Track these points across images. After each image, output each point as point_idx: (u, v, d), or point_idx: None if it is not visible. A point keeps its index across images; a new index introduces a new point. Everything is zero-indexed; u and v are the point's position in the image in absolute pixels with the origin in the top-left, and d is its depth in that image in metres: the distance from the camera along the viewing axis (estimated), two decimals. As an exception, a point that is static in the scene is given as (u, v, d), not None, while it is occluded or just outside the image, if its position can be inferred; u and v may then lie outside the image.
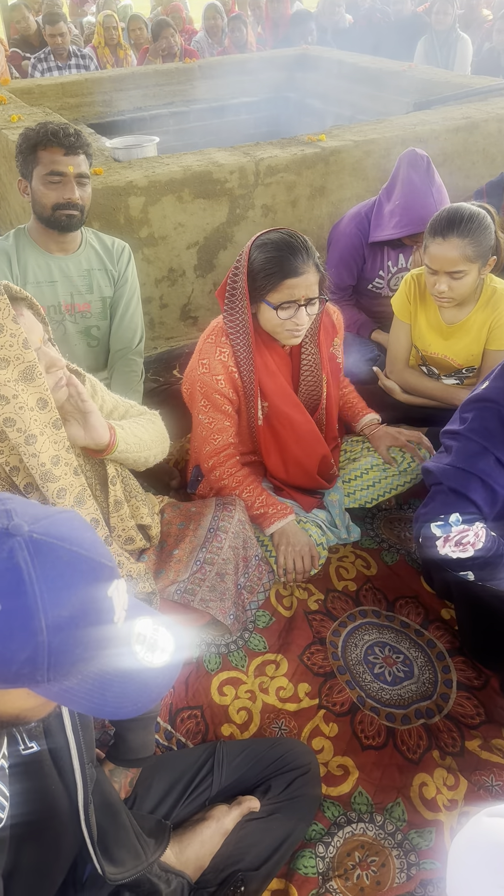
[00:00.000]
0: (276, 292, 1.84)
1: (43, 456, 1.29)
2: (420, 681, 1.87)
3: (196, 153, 3.28)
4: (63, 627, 0.73)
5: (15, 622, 0.71)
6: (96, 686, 0.79)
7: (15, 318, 1.22)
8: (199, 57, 6.44)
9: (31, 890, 1.08)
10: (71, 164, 2.13)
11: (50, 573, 0.73)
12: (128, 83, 4.95)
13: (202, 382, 2.00)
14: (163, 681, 0.86)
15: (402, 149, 3.40)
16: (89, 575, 0.77)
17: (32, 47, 6.85)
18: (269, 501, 2.07)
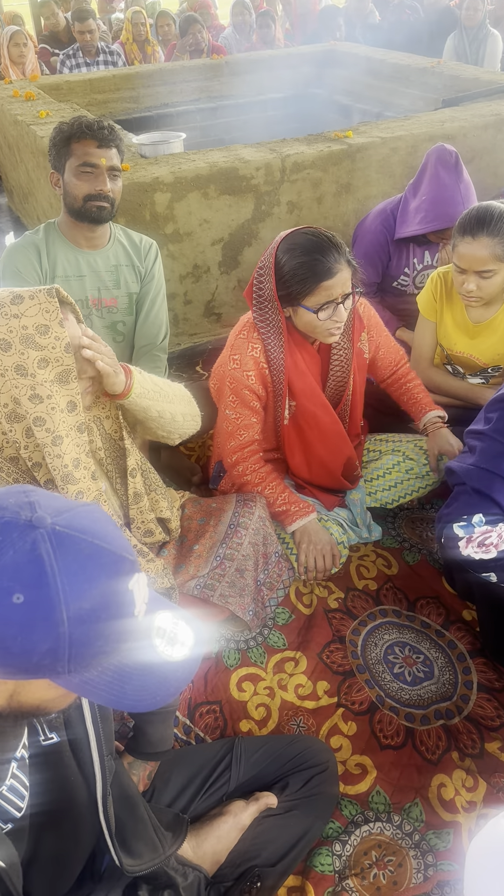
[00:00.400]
0: (314, 296, 1.82)
1: (66, 458, 1.31)
2: (440, 681, 1.86)
3: (222, 149, 3.28)
4: (84, 619, 0.73)
5: (37, 613, 0.71)
6: (116, 678, 0.79)
7: (62, 321, 1.24)
8: (227, 53, 6.44)
9: (50, 878, 1.09)
10: (104, 156, 2.14)
11: (72, 566, 0.74)
12: (155, 79, 4.96)
13: (232, 378, 1.99)
14: (182, 674, 0.86)
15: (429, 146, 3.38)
16: (111, 568, 0.77)
17: (61, 43, 6.89)
18: (292, 499, 2.07)
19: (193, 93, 5.07)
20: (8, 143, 4.40)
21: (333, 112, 5.08)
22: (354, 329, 2.08)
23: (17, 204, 5.05)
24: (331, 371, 2.07)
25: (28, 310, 1.22)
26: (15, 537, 0.73)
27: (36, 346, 1.22)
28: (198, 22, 6.37)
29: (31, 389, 1.23)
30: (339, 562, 2.08)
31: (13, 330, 1.21)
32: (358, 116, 4.78)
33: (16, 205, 5.16)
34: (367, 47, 5.48)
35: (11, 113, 3.88)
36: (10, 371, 1.22)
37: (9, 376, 1.22)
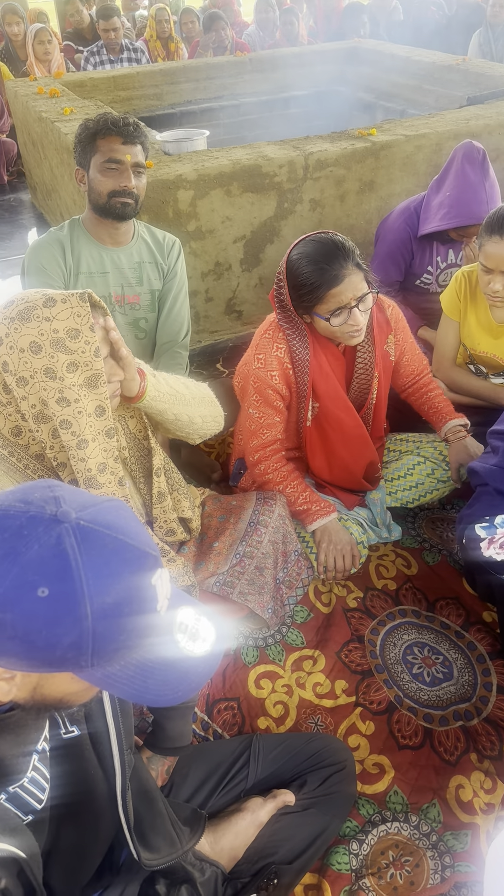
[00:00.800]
0: (323, 304, 1.83)
1: (90, 462, 1.31)
2: (459, 683, 1.86)
3: (245, 147, 3.28)
4: (107, 614, 0.74)
5: (61, 607, 0.72)
6: (138, 673, 0.80)
7: (92, 326, 1.24)
8: (251, 50, 6.44)
9: (69, 870, 1.10)
10: (128, 152, 2.15)
11: (96, 560, 0.74)
12: (179, 76, 4.97)
13: (256, 377, 2.00)
14: (203, 670, 0.87)
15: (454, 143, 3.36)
16: (134, 563, 0.78)
17: (85, 40, 6.92)
18: (313, 498, 2.07)
19: (217, 90, 5.08)
20: (32, 140, 4.43)
21: (357, 109, 5.06)
22: (381, 331, 2.06)
23: (41, 200, 5.08)
24: (355, 373, 2.07)
25: (60, 313, 1.22)
26: (40, 532, 0.74)
27: (66, 349, 1.23)
28: (221, 19, 6.37)
29: (58, 392, 1.24)
30: (359, 562, 2.07)
31: (44, 333, 1.21)
32: (382, 114, 4.76)
33: (39, 201, 5.18)
34: (392, 44, 5.45)
35: (36, 110, 3.90)
36: (40, 374, 1.22)
37: (38, 379, 1.22)
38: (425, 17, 6.91)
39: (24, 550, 0.72)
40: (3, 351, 1.22)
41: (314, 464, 2.15)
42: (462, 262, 2.73)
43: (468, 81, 4.38)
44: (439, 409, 2.29)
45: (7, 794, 0.92)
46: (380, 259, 2.81)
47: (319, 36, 7.29)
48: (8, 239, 4.93)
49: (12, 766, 0.91)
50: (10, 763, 0.91)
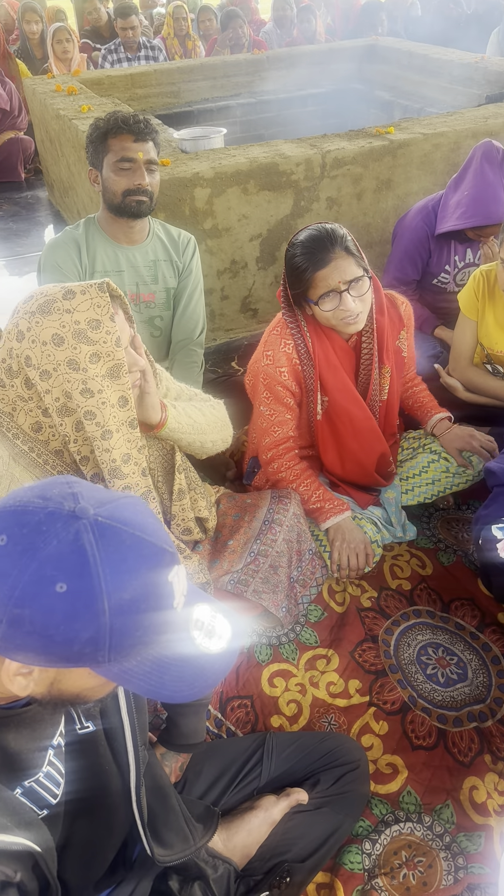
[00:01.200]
0: (313, 288, 1.84)
1: (115, 452, 1.32)
2: (474, 684, 1.85)
3: (262, 145, 3.28)
4: (125, 610, 0.74)
5: (79, 602, 0.72)
6: (155, 669, 0.80)
7: (112, 316, 1.25)
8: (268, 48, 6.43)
9: (83, 864, 1.10)
10: (140, 150, 2.15)
11: (114, 556, 0.75)
12: (196, 74, 4.97)
13: (266, 374, 2.00)
14: (219, 666, 0.87)
15: (472, 142, 3.35)
16: (151, 560, 0.78)
17: (103, 38, 6.94)
18: (326, 496, 2.06)
19: (234, 88, 5.08)
20: (50, 138, 4.45)
21: (374, 108, 5.05)
22: (393, 327, 2.06)
23: (58, 198, 5.10)
24: (361, 365, 2.06)
25: (80, 305, 1.23)
26: (59, 528, 0.74)
27: (88, 340, 1.23)
28: (239, 17, 6.36)
29: (82, 384, 1.24)
30: (374, 560, 2.07)
31: (66, 325, 1.22)
32: (399, 112, 4.74)
33: (56, 199, 5.21)
34: (410, 42, 5.43)
35: (54, 107, 3.92)
36: (63, 366, 1.23)
37: (61, 371, 1.23)
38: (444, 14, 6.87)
39: (42, 546, 0.73)
40: (26, 345, 1.22)
41: (326, 458, 2.14)
42: (480, 261, 2.71)
43: (487, 80, 4.35)
44: (424, 404, 2.31)
45: (23, 789, 0.93)
46: (397, 258, 2.80)
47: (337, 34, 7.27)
48: (25, 236, 4.95)
49: (28, 760, 0.92)
50: (26, 757, 0.91)
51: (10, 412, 1.28)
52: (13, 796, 0.87)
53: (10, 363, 1.25)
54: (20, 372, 1.24)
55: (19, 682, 0.78)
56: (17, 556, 0.72)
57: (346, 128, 3.56)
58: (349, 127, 3.58)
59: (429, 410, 2.30)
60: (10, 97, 5.79)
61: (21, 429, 1.29)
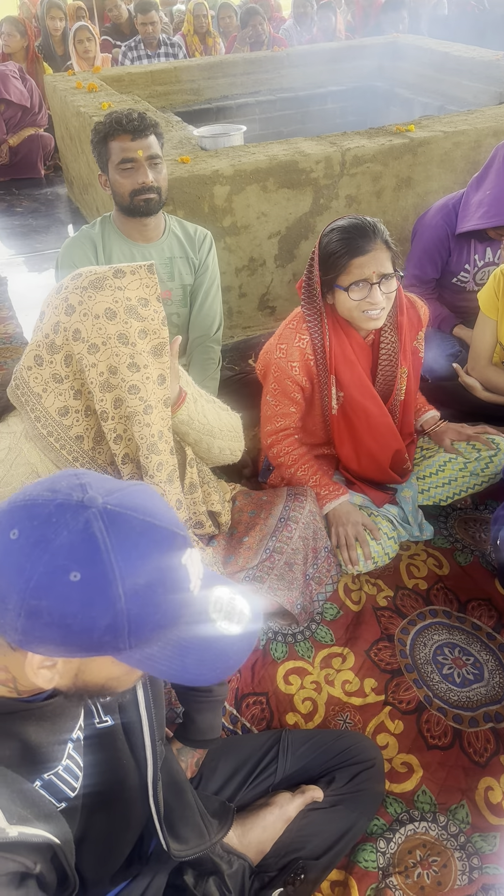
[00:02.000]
0: (346, 274, 1.83)
1: (154, 427, 1.35)
2: (490, 684, 1.84)
3: (282, 142, 3.28)
4: (140, 594, 0.75)
5: (94, 590, 0.73)
6: (176, 653, 0.80)
7: (159, 297, 1.29)
8: (287, 45, 6.42)
9: (99, 858, 1.11)
10: (139, 147, 2.14)
11: (125, 542, 0.75)
12: (216, 71, 4.98)
13: (277, 366, 2.01)
14: (240, 648, 0.86)
15: (493, 140, 3.33)
16: (163, 543, 0.78)
17: (123, 35, 6.96)
18: (323, 482, 2.07)
19: (254, 85, 5.08)
20: (70, 135, 4.46)
21: (395, 105, 5.03)
22: (412, 327, 2.05)
23: (77, 195, 5.12)
24: (379, 365, 2.06)
25: (130, 283, 1.27)
26: (68, 518, 0.75)
27: (138, 316, 1.27)
28: (259, 14, 6.36)
29: (130, 358, 1.28)
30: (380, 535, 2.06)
31: (118, 301, 1.26)
32: (420, 110, 4.72)
33: (76, 196, 5.23)
34: (431, 40, 5.40)
35: (74, 104, 3.94)
36: (114, 339, 1.26)
37: (111, 344, 1.27)
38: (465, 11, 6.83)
39: (53, 537, 0.73)
40: (76, 318, 1.26)
41: (342, 452, 2.15)
42: (500, 260, 2.70)
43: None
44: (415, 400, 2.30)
45: (42, 781, 0.94)
46: (416, 256, 2.79)
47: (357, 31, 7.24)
48: (44, 233, 4.98)
49: (49, 753, 0.93)
50: (46, 751, 0.92)
51: (39, 393, 1.31)
52: (33, 789, 0.88)
53: (53, 338, 1.28)
54: (63, 347, 1.28)
55: (44, 674, 0.79)
56: (30, 549, 0.73)
57: (366, 125, 3.55)
58: (369, 125, 3.57)
59: (420, 408, 2.31)
60: (31, 94, 5.82)
61: (46, 411, 1.31)
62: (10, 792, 0.83)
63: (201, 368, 2.47)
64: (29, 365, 1.30)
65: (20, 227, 5.09)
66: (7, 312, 3.89)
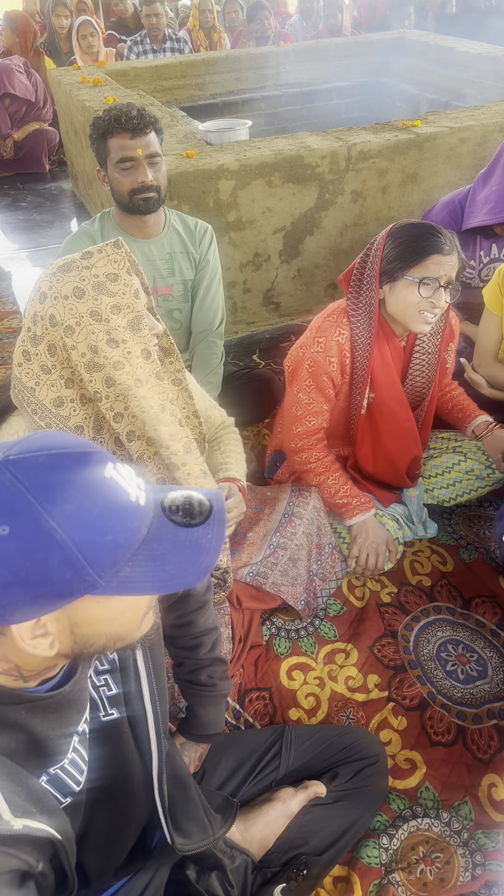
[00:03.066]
0: (421, 267, 1.78)
1: (151, 400, 1.34)
2: (494, 681, 1.84)
3: (288, 137, 3.26)
4: (76, 520, 0.73)
5: (27, 535, 0.71)
6: (153, 566, 0.79)
7: (129, 269, 1.28)
8: (293, 41, 6.39)
9: (102, 852, 1.11)
10: (139, 146, 2.12)
11: (37, 480, 0.73)
12: (221, 66, 4.96)
13: (313, 360, 1.95)
14: (214, 535, 0.84)
15: (499, 136, 3.32)
16: (76, 465, 0.76)
17: (129, 30, 6.94)
18: (354, 492, 2.05)
19: (259, 80, 5.06)
20: (75, 129, 4.45)
21: (401, 101, 5.01)
22: (444, 337, 2.03)
23: (81, 190, 5.12)
24: (411, 370, 2.04)
25: (98, 262, 1.27)
26: None
27: (108, 292, 1.27)
28: (265, 8, 6.34)
29: (106, 334, 1.27)
30: (395, 558, 2.06)
31: (85, 279, 1.26)
32: (426, 106, 4.70)
33: (80, 191, 5.22)
34: (437, 35, 5.38)
35: (79, 99, 3.93)
36: (86, 317, 1.26)
37: (84, 323, 1.26)
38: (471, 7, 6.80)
39: None
40: (48, 304, 1.25)
41: (361, 453, 2.11)
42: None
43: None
44: (464, 407, 2.28)
45: (48, 776, 0.93)
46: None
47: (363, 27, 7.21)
48: (49, 227, 4.97)
49: (55, 746, 0.92)
50: (52, 744, 0.92)
51: (32, 387, 1.30)
52: (38, 784, 0.88)
53: (34, 330, 1.28)
54: (44, 336, 1.27)
55: (40, 643, 0.77)
56: None
57: (371, 121, 3.53)
58: (375, 120, 3.56)
59: (470, 413, 2.26)
60: (35, 88, 5.81)
61: (42, 404, 1.31)
62: (15, 785, 0.82)
63: (204, 364, 2.46)
64: (19, 361, 1.30)
65: (24, 222, 5.08)
66: (11, 307, 3.89)
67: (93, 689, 1.05)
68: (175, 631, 1.35)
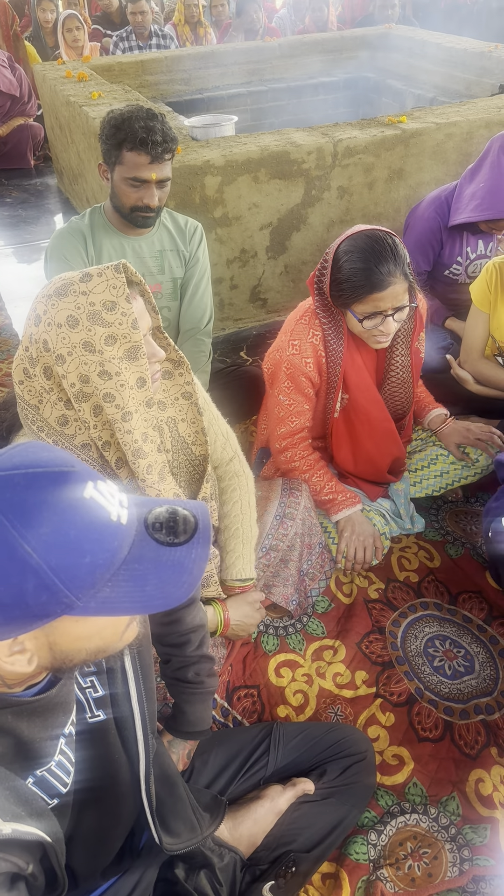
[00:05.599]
0: (362, 304, 1.77)
1: (136, 433, 1.30)
2: (481, 677, 1.84)
3: (274, 133, 3.25)
4: (52, 544, 0.71)
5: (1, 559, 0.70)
6: (134, 586, 0.77)
7: (128, 297, 1.22)
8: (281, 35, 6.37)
9: (90, 853, 1.10)
10: (154, 171, 2.08)
11: (12, 501, 0.71)
12: (207, 61, 4.94)
13: (289, 363, 1.96)
14: (197, 554, 0.82)
15: (485, 132, 3.32)
16: (52, 486, 0.74)
17: (114, 25, 6.89)
18: (338, 488, 2.05)
19: (245, 75, 5.04)
20: (59, 124, 4.43)
21: (387, 96, 5.00)
22: (414, 330, 2.03)
23: (67, 185, 5.09)
24: (388, 376, 2.04)
25: (96, 286, 1.21)
26: None
27: (103, 322, 1.21)
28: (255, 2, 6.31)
29: (99, 366, 1.22)
30: (382, 553, 2.06)
31: (80, 307, 1.20)
32: (412, 101, 4.70)
33: (66, 186, 5.19)
34: (423, 31, 5.37)
35: (64, 94, 3.90)
36: (79, 348, 1.21)
37: (77, 353, 1.21)
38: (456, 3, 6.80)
39: None
40: (42, 329, 1.20)
41: (340, 455, 2.12)
42: (492, 253, 2.69)
43: (500, 69, 4.30)
44: (421, 400, 2.30)
45: (35, 778, 0.93)
46: (408, 248, 2.77)
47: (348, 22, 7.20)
48: (34, 223, 4.94)
49: (41, 749, 0.92)
50: (39, 746, 0.91)
51: (36, 405, 1.26)
52: (25, 786, 0.87)
53: (31, 351, 1.23)
54: (39, 359, 1.22)
55: (18, 660, 0.77)
56: None
57: (357, 117, 3.53)
58: (361, 116, 3.56)
59: (426, 406, 2.29)
60: (20, 83, 5.76)
61: (47, 422, 1.26)
62: (3, 789, 0.82)
63: (192, 361, 2.45)
64: (20, 379, 1.26)
65: (9, 218, 5.05)
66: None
67: (79, 691, 1.04)
68: (162, 629, 1.34)
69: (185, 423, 1.51)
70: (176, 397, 1.48)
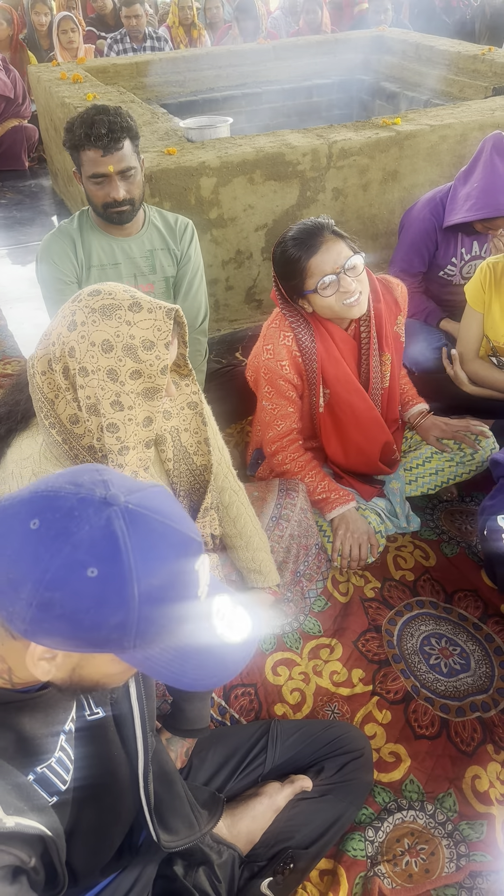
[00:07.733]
0: (309, 277, 1.83)
1: (126, 469, 1.29)
2: (476, 674, 1.85)
3: (269, 135, 3.27)
4: (153, 596, 0.75)
5: (110, 588, 0.72)
6: (177, 657, 0.80)
7: (168, 344, 1.21)
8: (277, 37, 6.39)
9: (89, 850, 1.11)
10: (110, 163, 2.06)
11: (144, 543, 0.75)
12: (202, 63, 4.95)
13: (267, 368, 1.99)
14: (239, 656, 0.87)
15: (479, 134, 3.34)
16: (179, 548, 0.78)
17: (108, 27, 6.90)
18: (332, 487, 2.06)
19: (239, 77, 5.05)
20: (54, 126, 4.43)
21: (381, 99, 5.02)
22: (390, 312, 2.04)
23: (62, 187, 5.09)
24: (362, 355, 2.06)
25: (142, 321, 1.19)
26: (91, 513, 0.74)
27: (136, 358, 1.19)
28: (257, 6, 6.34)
29: (115, 396, 1.21)
30: (377, 551, 2.07)
31: (121, 335, 1.18)
32: (406, 103, 4.72)
33: (60, 188, 5.19)
34: (417, 34, 5.40)
35: (59, 95, 3.91)
36: (103, 371, 1.19)
37: (100, 376, 1.19)
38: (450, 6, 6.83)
39: (75, 531, 0.73)
40: (74, 337, 1.18)
41: (330, 450, 2.14)
42: (487, 253, 2.71)
43: (493, 71, 4.33)
44: (405, 392, 2.31)
45: (35, 775, 0.93)
46: (403, 249, 2.79)
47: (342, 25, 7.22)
48: (29, 225, 4.94)
49: (42, 745, 0.92)
50: (40, 742, 0.91)
51: (52, 399, 1.24)
52: (27, 782, 0.88)
53: (55, 349, 1.21)
54: (61, 359, 1.21)
55: (43, 666, 0.78)
56: (50, 541, 0.72)
57: (352, 119, 3.55)
58: (356, 118, 3.57)
59: (409, 401, 2.31)
60: (14, 85, 5.76)
61: (59, 418, 1.25)
62: (6, 783, 0.83)
63: (189, 360, 2.45)
64: (43, 370, 1.25)
65: (4, 220, 5.05)
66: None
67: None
68: None
69: (188, 432, 1.50)
70: (182, 407, 1.48)
